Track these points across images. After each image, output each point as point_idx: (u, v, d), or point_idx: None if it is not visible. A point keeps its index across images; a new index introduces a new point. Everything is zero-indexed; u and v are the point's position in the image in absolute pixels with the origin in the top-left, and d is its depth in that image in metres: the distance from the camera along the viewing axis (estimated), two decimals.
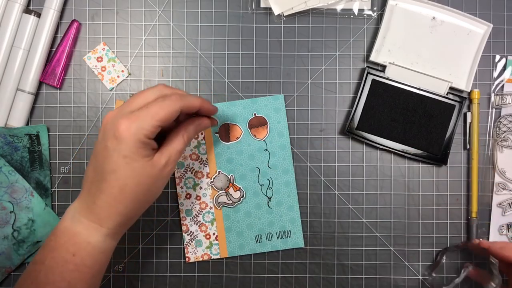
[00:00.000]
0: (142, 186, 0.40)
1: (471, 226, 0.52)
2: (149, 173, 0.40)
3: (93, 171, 0.41)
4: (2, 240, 0.52)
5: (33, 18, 0.52)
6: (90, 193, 0.41)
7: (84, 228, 0.40)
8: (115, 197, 0.40)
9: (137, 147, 0.39)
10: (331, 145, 0.54)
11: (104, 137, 0.40)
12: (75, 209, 0.41)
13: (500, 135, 0.53)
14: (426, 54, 0.53)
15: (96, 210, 0.40)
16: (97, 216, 0.40)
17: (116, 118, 0.39)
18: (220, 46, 0.54)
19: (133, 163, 0.39)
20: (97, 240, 0.40)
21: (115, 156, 0.39)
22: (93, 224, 0.40)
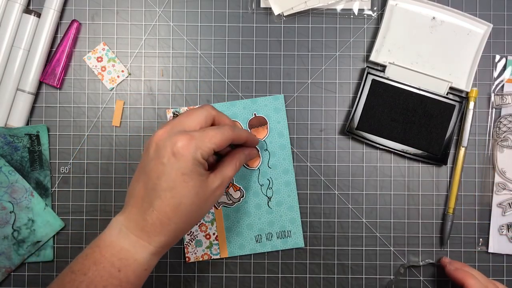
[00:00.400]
0: (194, 206, 0.40)
1: (445, 223, 0.53)
2: (203, 192, 0.40)
3: (144, 188, 0.40)
4: (2, 240, 0.52)
5: (33, 18, 0.52)
6: (139, 210, 0.40)
7: (131, 245, 0.40)
8: (168, 215, 0.39)
9: (194, 165, 0.39)
10: (331, 145, 0.54)
11: (158, 154, 0.39)
12: (122, 224, 0.41)
13: (500, 135, 0.53)
14: (426, 54, 0.53)
15: (147, 227, 0.40)
16: (147, 234, 0.40)
17: (172, 135, 0.40)
18: (220, 46, 0.54)
19: (190, 182, 0.39)
20: (144, 257, 0.40)
21: (173, 173, 0.39)
22: (142, 241, 0.40)
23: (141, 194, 0.40)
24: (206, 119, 0.43)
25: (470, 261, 0.53)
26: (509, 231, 0.53)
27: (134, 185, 0.42)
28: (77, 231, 0.53)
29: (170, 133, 0.40)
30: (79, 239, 0.53)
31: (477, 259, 0.53)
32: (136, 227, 0.40)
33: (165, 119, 0.54)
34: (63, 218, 0.53)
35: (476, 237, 0.53)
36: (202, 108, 0.43)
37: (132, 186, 0.42)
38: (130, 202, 0.41)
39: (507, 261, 0.53)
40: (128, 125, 0.54)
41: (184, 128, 0.41)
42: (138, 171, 0.42)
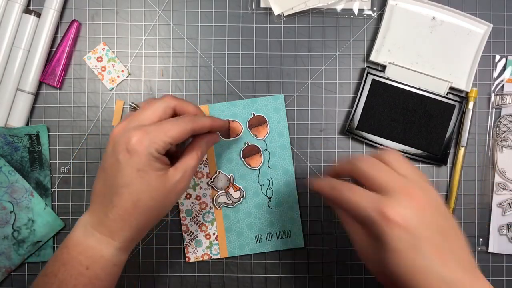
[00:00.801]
0: (155, 201, 0.40)
1: None
2: (163, 187, 0.40)
3: (103, 185, 0.40)
4: (2, 240, 0.52)
5: (33, 18, 0.52)
6: (101, 206, 0.40)
7: (96, 242, 0.40)
8: (128, 211, 0.39)
9: (149, 160, 0.39)
10: (331, 145, 0.54)
11: (114, 150, 0.39)
12: (86, 222, 0.41)
13: (500, 135, 0.53)
14: (426, 54, 0.53)
15: (108, 223, 0.40)
16: (109, 229, 0.40)
17: (127, 131, 0.39)
18: (220, 46, 0.54)
19: (147, 177, 0.39)
20: (110, 253, 0.40)
21: (128, 169, 0.38)
22: (105, 237, 0.40)
23: (102, 191, 0.40)
24: (164, 110, 0.41)
25: None
26: (509, 231, 0.53)
27: (95, 182, 0.42)
28: None
29: (125, 129, 0.40)
30: None
31: (477, 259, 0.53)
32: (99, 224, 0.40)
33: None
34: (63, 218, 0.53)
35: (476, 237, 0.53)
36: (160, 100, 0.42)
37: (95, 183, 0.42)
38: (93, 199, 0.42)
39: (507, 261, 0.53)
40: None
41: (141, 122, 0.40)
42: (99, 168, 0.42)
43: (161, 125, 0.40)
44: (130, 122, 0.40)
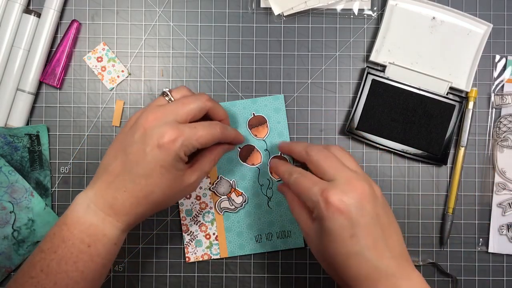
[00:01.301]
0: (165, 197, 0.41)
1: (445, 223, 0.53)
2: (177, 186, 0.41)
3: (121, 167, 0.40)
4: (2, 240, 0.52)
5: (33, 18, 0.52)
6: (111, 188, 0.40)
7: (100, 221, 0.40)
8: (139, 200, 0.40)
9: (176, 160, 0.39)
10: None
11: (144, 140, 0.39)
12: (90, 200, 0.41)
13: (500, 135, 0.53)
14: (426, 54, 0.53)
15: (116, 206, 0.40)
16: (115, 212, 0.40)
17: (162, 125, 0.39)
18: (220, 46, 0.54)
19: (167, 175, 0.40)
20: (113, 233, 0.41)
21: (153, 163, 0.39)
22: (110, 218, 0.40)
23: (116, 171, 0.40)
24: (200, 111, 0.42)
25: (470, 261, 0.53)
26: (509, 231, 0.53)
27: (110, 160, 0.42)
28: None
29: (160, 122, 0.40)
30: None
31: (477, 259, 0.53)
32: (105, 204, 0.40)
33: None
34: None
35: (476, 237, 0.53)
36: (198, 99, 0.42)
37: (107, 160, 0.42)
38: (102, 177, 0.41)
39: (507, 261, 0.53)
40: None
41: (176, 118, 0.40)
42: (116, 147, 0.42)
43: (195, 128, 0.40)
44: (165, 114, 0.40)
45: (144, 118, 0.40)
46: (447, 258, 0.53)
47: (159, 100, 0.43)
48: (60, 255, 0.39)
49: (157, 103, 0.43)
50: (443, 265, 0.53)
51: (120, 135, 0.43)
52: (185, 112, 0.41)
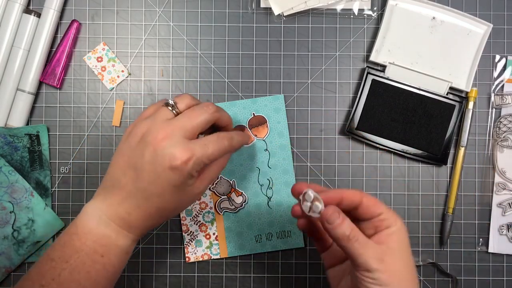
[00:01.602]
0: (176, 209, 0.42)
1: (445, 223, 0.53)
2: (187, 198, 0.42)
3: (132, 184, 0.40)
4: (2, 240, 0.52)
5: (33, 18, 0.52)
6: (124, 203, 0.40)
7: (113, 232, 0.41)
8: (152, 215, 0.41)
9: (188, 178, 0.40)
10: (331, 145, 0.54)
11: (154, 161, 0.39)
12: (101, 211, 0.41)
13: (500, 135, 0.53)
14: (426, 54, 0.53)
15: (130, 220, 0.41)
16: (129, 225, 0.41)
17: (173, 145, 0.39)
18: (220, 46, 0.54)
19: (180, 192, 0.40)
20: (125, 243, 0.41)
21: (166, 183, 0.39)
22: (122, 230, 0.41)
23: (128, 189, 0.40)
24: (208, 124, 0.42)
25: (470, 261, 0.53)
26: (509, 231, 0.53)
27: (119, 175, 0.41)
28: None
29: (171, 141, 0.39)
30: None
31: (477, 259, 0.53)
32: (118, 218, 0.41)
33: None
34: (63, 218, 0.53)
35: (476, 237, 0.53)
36: (205, 111, 0.41)
37: (116, 174, 0.41)
38: (113, 191, 0.41)
39: (507, 261, 0.53)
40: (128, 125, 0.54)
41: (186, 134, 0.40)
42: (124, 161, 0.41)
43: (205, 146, 0.40)
44: (174, 132, 0.39)
45: (153, 136, 0.40)
46: (447, 258, 0.53)
47: (164, 113, 0.42)
48: (73, 265, 0.39)
49: (162, 116, 0.41)
50: (443, 265, 0.53)
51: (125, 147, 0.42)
52: (193, 127, 0.40)
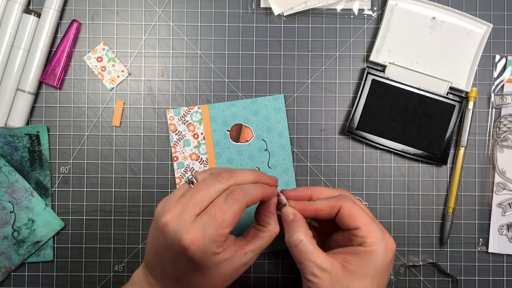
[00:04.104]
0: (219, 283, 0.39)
1: (445, 223, 0.53)
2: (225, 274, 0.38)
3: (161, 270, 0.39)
4: (2, 240, 0.52)
5: (33, 18, 0.52)
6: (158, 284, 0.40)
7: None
8: None
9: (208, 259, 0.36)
10: (331, 145, 0.54)
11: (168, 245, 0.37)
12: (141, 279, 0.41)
13: (500, 135, 0.53)
14: (426, 54, 0.53)
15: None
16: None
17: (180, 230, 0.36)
18: (220, 46, 0.54)
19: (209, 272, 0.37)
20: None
21: (187, 269, 0.37)
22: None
23: (158, 273, 0.39)
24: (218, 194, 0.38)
25: (470, 261, 0.53)
26: (509, 231, 0.53)
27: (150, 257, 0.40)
28: (77, 231, 0.53)
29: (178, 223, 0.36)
30: (79, 239, 0.53)
31: (477, 259, 0.53)
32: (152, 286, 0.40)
33: (165, 119, 0.54)
34: (63, 218, 0.53)
35: (476, 237, 0.53)
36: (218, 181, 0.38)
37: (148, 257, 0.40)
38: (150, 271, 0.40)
39: (507, 261, 0.53)
40: (128, 125, 0.54)
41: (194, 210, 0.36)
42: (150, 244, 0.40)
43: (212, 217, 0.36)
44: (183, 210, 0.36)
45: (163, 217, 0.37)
46: (447, 258, 0.53)
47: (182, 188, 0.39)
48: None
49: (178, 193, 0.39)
50: (443, 265, 0.53)
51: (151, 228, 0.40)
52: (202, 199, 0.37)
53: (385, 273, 0.39)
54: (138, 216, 0.53)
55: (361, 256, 0.38)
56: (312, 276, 0.38)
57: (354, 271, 0.38)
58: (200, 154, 0.53)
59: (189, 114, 0.53)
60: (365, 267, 0.38)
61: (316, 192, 0.43)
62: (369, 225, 0.39)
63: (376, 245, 0.38)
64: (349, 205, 0.40)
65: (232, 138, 0.53)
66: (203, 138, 0.53)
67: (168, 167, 0.53)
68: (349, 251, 0.39)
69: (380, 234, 0.39)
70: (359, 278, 0.38)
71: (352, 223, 0.39)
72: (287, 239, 0.41)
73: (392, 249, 0.39)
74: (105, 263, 0.53)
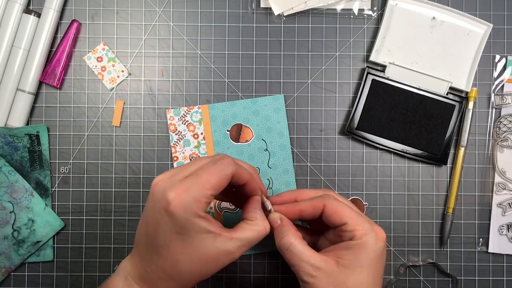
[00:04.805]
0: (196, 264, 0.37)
1: (445, 223, 0.53)
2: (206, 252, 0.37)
3: (145, 238, 0.38)
4: (2, 240, 0.52)
5: (33, 18, 0.52)
6: (142, 260, 0.39)
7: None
8: (167, 272, 0.37)
9: (190, 223, 0.35)
10: (331, 145, 0.54)
11: (154, 208, 0.37)
12: (128, 271, 0.39)
13: (500, 135, 0.53)
14: (426, 54, 0.53)
15: (147, 278, 0.38)
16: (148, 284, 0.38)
17: (166, 188, 0.36)
18: (220, 46, 0.54)
19: (188, 240, 0.36)
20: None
21: (167, 231, 0.36)
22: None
23: (144, 244, 0.38)
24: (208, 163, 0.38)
25: (470, 261, 0.53)
26: (509, 231, 0.53)
27: (138, 230, 0.39)
28: (77, 231, 0.53)
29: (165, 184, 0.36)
30: (79, 239, 0.53)
31: (477, 259, 0.53)
32: (138, 277, 0.39)
33: (165, 119, 0.54)
34: (63, 218, 0.53)
35: (476, 237, 0.53)
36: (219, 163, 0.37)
37: (138, 230, 0.40)
38: (136, 247, 0.40)
39: (507, 261, 0.53)
40: (128, 125, 0.54)
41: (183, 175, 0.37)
42: (142, 217, 0.39)
43: (197, 176, 0.36)
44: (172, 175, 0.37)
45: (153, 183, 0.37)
46: (447, 258, 0.53)
47: None
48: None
49: None
50: (443, 265, 0.53)
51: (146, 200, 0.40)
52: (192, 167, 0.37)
53: (379, 263, 0.39)
54: (138, 216, 0.53)
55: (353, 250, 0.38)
56: (308, 277, 0.38)
57: (348, 265, 0.38)
58: (200, 154, 0.53)
59: (189, 114, 0.53)
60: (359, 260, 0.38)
61: (301, 195, 0.44)
62: (356, 218, 0.39)
63: (366, 237, 0.39)
64: (332, 203, 0.41)
65: (232, 138, 0.53)
66: (203, 138, 0.53)
67: (168, 167, 0.54)
68: (341, 247, 0.39)
69: (368, 225, 0.39)
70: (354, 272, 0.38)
71: (339, 220, 0.40)
72: (278, 244, 0.41)
73: (382, 238, 0.40)
74: (105, 263, 0.53)
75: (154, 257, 0.37)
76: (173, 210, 0.35)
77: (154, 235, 0.37)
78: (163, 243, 0.36)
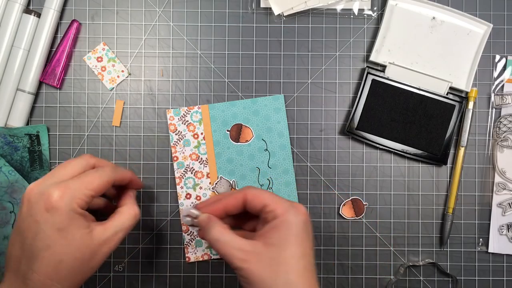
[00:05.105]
0: (78, 261, 0.38)
1: (445, 223, 0.53)
2: (86, 247, 0.38)
3: (20, 249, 0.37)
4: (2, 240, 0.52)
5: (33, 18, 0.52)
6: (19, 274, 0.37)
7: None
8: (50, 276, 0.37)
9: (71, 218, 0.37)
10: (331, 145, 0.54)
11: (31, 211, 0.37)
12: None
13: (500, 135, 0.53)
14: (426, 54, 0.53)
15: None
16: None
17: (44, 188, 0.37)
18: (220, 46, 0.54)
19: (69, 236, 0.37)
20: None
21: (48, 230, 0.36)
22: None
23: (18, 257, 0.38)
24: (83, 168, 0.41)
25: (470, 261, 0.53)
26: (509, 231, 0.53)
27: (10, 248, 0.39)
28: None
29: (42, 186, 0.38)
30: None
31: (477, 259, 0.53)
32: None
33: (165, 119, 0.54)
34: None
35: (476, 237, 0.54)
36: (79, 158, 0.42)
37: (9, 250, 0.39)
38: (7, 267, 0.39)
39: (507, 261, 0.53)
40: (128, 125, 0.54)
41: (58, 179, 0.38)
42: (13, 232, 0.39)
43: (80, 178, 0.39)
44: (45, 180, 0.39)
45: (26, 190, 0.38)
46: (447, 258, 0.53)
47: None
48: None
49: None
50: (443, 265, 0.53)
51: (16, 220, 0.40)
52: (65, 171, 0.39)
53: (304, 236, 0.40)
54: None
55: (277, 227, 0.40)
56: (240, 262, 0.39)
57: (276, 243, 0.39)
58: (200, 154, 0.53)
59: (189, 114, 0.53)
60: (283, 236, 0.39)
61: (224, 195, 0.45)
62: (275, 199, 0.41)
63: (287, 213, 0.40)
64: (252, 191, 0.42)
65: (232, 138, 0.53)
66: (203, 138, 0.53)
67: (168, 167, 0.54)
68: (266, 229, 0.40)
69: (287, 202, 0.41)
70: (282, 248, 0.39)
71: (259, 203, 0.41)
72: (208, 239, 0.42)
73: (302, 212, 0.40)
74: (105, 263, 0.53)
75: (34, 264, 0.37)
76: (56, 204, 0.36)
77: (33, 240, 0.37)
78: (45, 244, 0.37)
